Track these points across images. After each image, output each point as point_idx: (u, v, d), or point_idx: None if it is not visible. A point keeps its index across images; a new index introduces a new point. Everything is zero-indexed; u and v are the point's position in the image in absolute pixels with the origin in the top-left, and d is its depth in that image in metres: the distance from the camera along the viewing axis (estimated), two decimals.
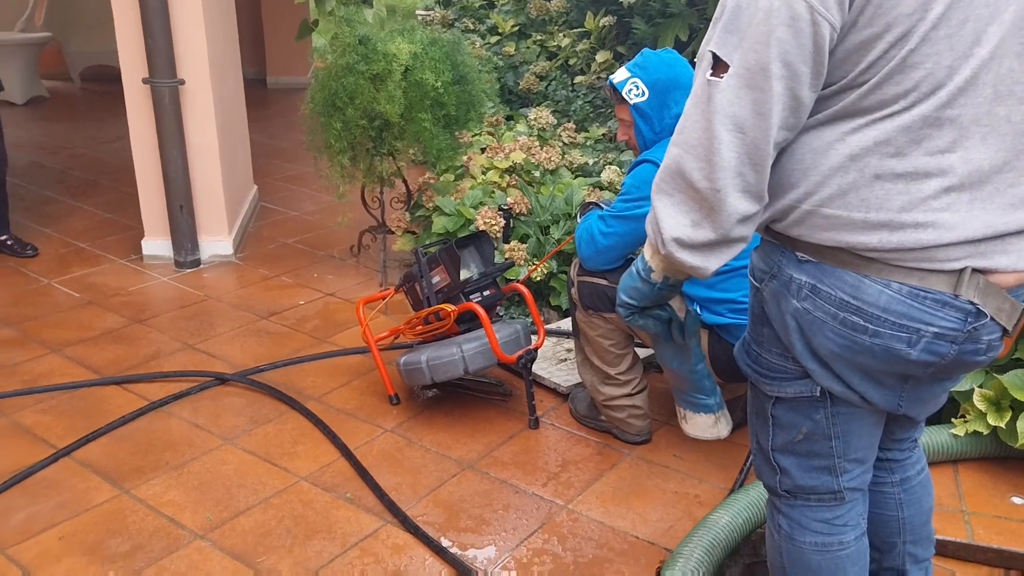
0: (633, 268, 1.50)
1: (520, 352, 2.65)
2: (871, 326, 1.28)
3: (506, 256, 3.31)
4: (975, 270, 1.26)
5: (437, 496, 2.40)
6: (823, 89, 1.25)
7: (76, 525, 2.27)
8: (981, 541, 2.16)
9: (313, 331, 3.39)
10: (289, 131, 6.25)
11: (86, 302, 3.66)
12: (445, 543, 2.20)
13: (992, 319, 1.29)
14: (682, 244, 1.32)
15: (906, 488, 1.69)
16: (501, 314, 3.31)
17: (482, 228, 3.33)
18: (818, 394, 1.41)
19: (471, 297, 2.71)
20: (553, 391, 2.93)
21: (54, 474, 2.49)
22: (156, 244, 4.05)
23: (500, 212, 3.41)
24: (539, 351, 2.95)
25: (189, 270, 3.99)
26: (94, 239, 4.34)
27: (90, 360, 3.15)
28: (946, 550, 2.13)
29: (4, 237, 4.12)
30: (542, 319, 2.73)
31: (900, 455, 1.68)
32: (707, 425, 1.72)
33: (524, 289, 2.73)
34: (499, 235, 3.38)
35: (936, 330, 1.27)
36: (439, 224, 3.54)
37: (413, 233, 3.81)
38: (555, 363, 3.02)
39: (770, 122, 1.22)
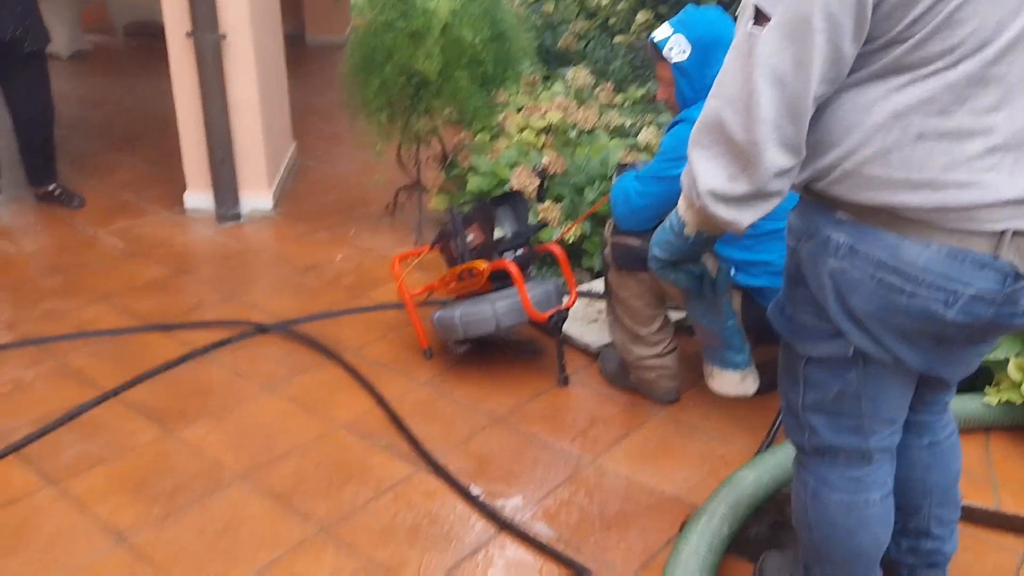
0: (667, 222, 1.53)
1: (551, 311, 2.69)
2: (908, 286, 1.30)
3: (540, 216, 3.34)
4: (1016, 232, 1.27)
5: (468, 447, 2.47)
6: (868, 44, 1.25)
7: (123, 463, 2.37)
8: (1008, 510, 2.18)
9: (349, 286, 3.46)
10: (327, 89, 6.28)
11: (131, 252, 3.75)
12: (475, 491, 2.27)
13: None
14: (717, 197, 1.34)
15: (934, 451, 1.72)
16: (533, 275, 3.35)
17: (516, 188, 3.35)
18: (851, 354, 1.43)
19: (505, 255, 2.75)
20: (584, 351, 2.98)
21: (101, 414, 2.59)
22: (198, 197, 4.13)
23: (535, 172, 3.43)
24: (571, 312, 2.99)
25: (230, 223, 4.07)
26: (138, 191, 4.44)
27: (135, 308, 3.25)
28: (972, 517, 2.15)
29: (52, 187, 4.23)
30: (574, 280, 2.77)
31: (930, 418, 1.70)
32: (734, 382, 1.75)
33: (557, 249, 2.77)
34: (533, 195, 3.41)
35: (974, 291, 1.29)
36: (474, 183, 3.58)
37: (448, 192, 3.85)
38: (586, 323, 3.06)
39: (810, 75, 1.23)
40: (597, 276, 3.37)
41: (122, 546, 2.07)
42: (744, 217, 1.35)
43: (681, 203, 1.49)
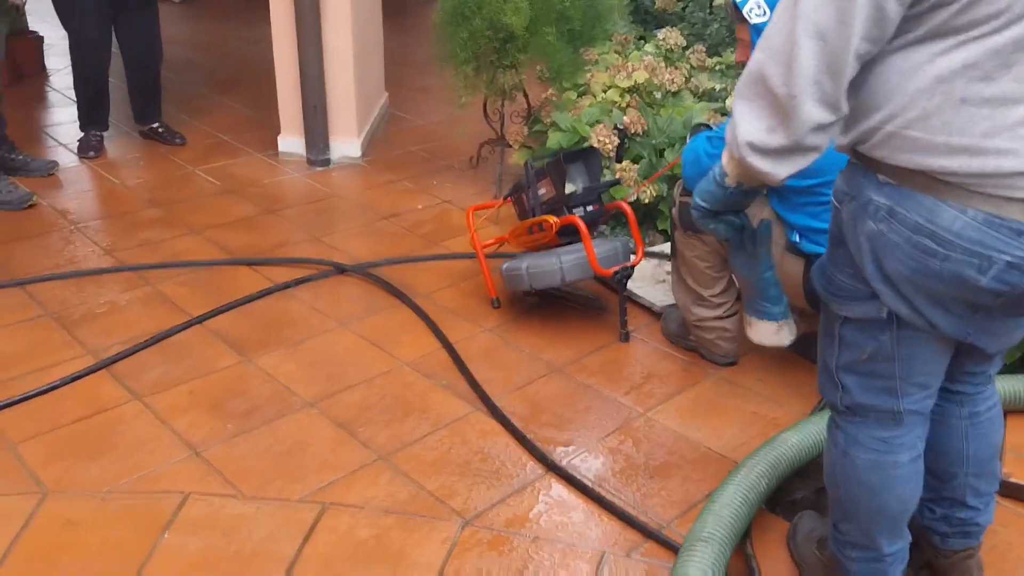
0: (711, 172, 1.56)
1: (616, 267, 2.74)
2: (942, 250, 1.31)
3: (617, 176, 3.37)
4: None
5: (524, 392, 2.55)
6: (914, 7, 1.25)
7: (203, 384, 2.55)
8: None
9: (427, 234, 3.57)
10: (423, 42, 6.37)
11: (225, 190, 3.96)
12: (527, 434, 2.36)
13: None
14: (755, 148, 1.37)
15: (974, 422, 1.72)
16: (606, 232, 3.40)
17: (595, 146, 3.39)
18: (885, 316, 1.45)
19: (574, 211, 2.80)
20: (648, 310, 3.02)
21: (187, 339, 2.78)
22: (290, 141, 4.30)
23: (615, 131, 3.45)
24: (640, 271, 3.04)
25: (319, 168, 4.23)
26: (236, 133, 4.65)
27: (225, 242, 3.44)
28: (1016, 494, 2.13)
29: (156, 125, 4.47)
30: (645, 240, 2.81)
31: (972, 389, 1.70)
32: (770, 332, 1.78)
33: (627, 208, 2.80)
34: (612, 154, 3.43)
35: (1009, 259, 1.29)
36: (553, 139, 3.62)
37: (529, 148, 3.90)
38: (653, 283, 3.10)
39: (852, 31, 1.24)
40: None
41: (196, 458, 2.25)
42: (780, 170, 1.38)
43: (724, 154, 1.52)
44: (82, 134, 4.32)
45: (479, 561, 1.95)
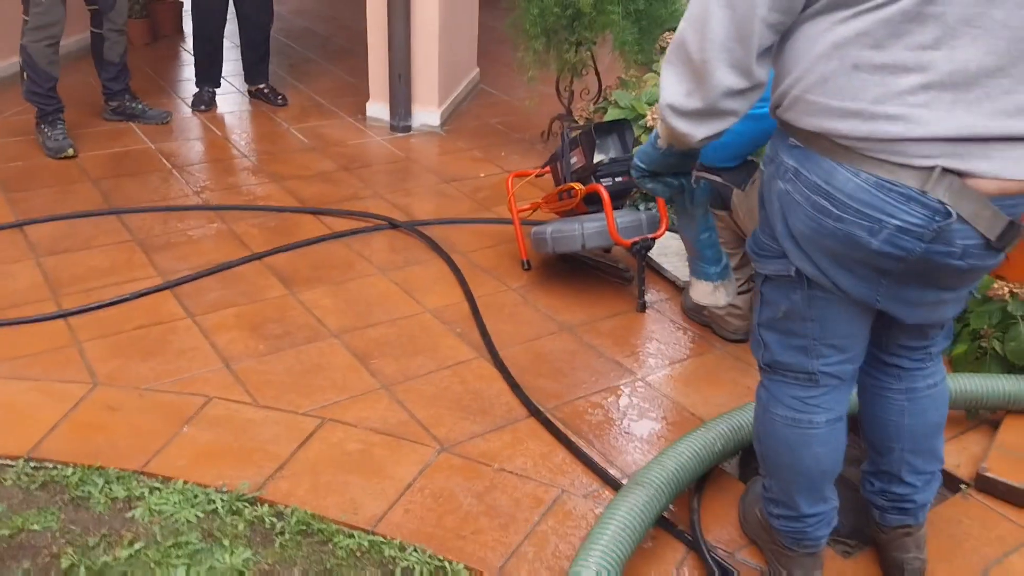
0: (651, 135, 1.69)
1: (637, 238, 2.87)
2: (836, 211, 1.41)
3: None
4: (948, 170, 1.33)
5: (530, 346, 2.73)
6: None
7: (249, 309, 2.86)
8: None
9: (483, 200, 3.78)
10: None
11: (310, 147, 4.29)
12: (521, 382, 2.54)
13: (968, 224, 1.36)
14: (675, 110, 1.49)
15: (911, 398, 1.78)
16: (640, 205, 3.50)
17: (650, 124, 3.50)
18: (793, 274, 1.55)
19: (602, 180, 2.94)
20: (673, 284, 3.13)
21: (245, 271, 3.10)
22: (377, 107, 4.60)
23: None
24: (670, 246, 3.15)
25: (400, 134, 4.51)
26: (333, 98, 4.99)
27: (300, 192, 3.76)
28: (996, 490, 2.14)
29: (263, 86, 4.86)
30: (667, 212, 2.92)
31: (910, 364, 1.77)
32: (706, 292, 1.88)
33: None
34: None
35: (899, 223, 1.36)
36: (611, 116, 3.75)
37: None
38: (682, 258, 3.20)
39: (757, 0, 1.35)
40: None
41: (226, 369, 2.54)
42: (698, 132, 1.50)
43: (658, 117, 1.65)
44: (197, 89, 4.75)
45: (445, 481, 2.15)
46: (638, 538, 1.84)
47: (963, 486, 2.18)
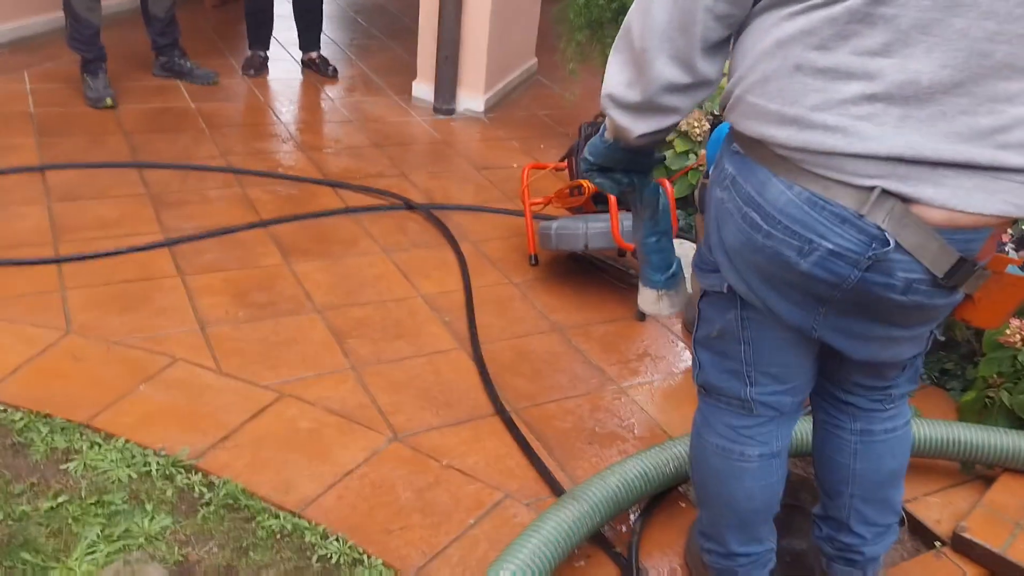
0: (602, 126, 1.56)
1: None
2: (765, 225, 1.26)
3: (699, 162, 3.31)
4: (890, 192, 1.18)
5: (515, 343, 2.62)
6: None
7: (239, 275, 2.82)
8: (1016, 558, 1.95)
9: (509, 190, 3.68)
10: None
11: (348, 121, 4.25)
12: (495, 379, 2.43)
13: (912, 256, 1.21)
14: (614, 101, 1.37)
15: (865, 441, 1.62)
16: None
17: (684, 128, 3.34)
18: (725, 290, 1.41)
19: None
20: None
21: (246, 236, 3.07)
22: (422, 88, 4.53)
23: (707, 116, 3.39)
24: (683, 255, 2.99)
25: (442, 117, 4.43)
26: (384, 75, 4.95)
27: (325, 164, 3.72)
28: (972, 552, 1.96)
29: (314, 55, 4.85)
30: (677, 220, 2.76)
31: (867, 404, 1.60)
32: (649, 299, 1.74)
33: (668, 185, 2.77)
34: (700, 139, 3.37)
35: (831, 246, 1.22)
36: None
37: None
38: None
39: None
40: None
41: (200, 332, 2.51)
42: (636, 127, 1.37)
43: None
44: (249, 53, 4.77)
45: (389, 472, 2.07)
46: (562, 555, 1.72)
47: (938, 543, 1.99)
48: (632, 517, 2.02)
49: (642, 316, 2.81)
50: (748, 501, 1.56)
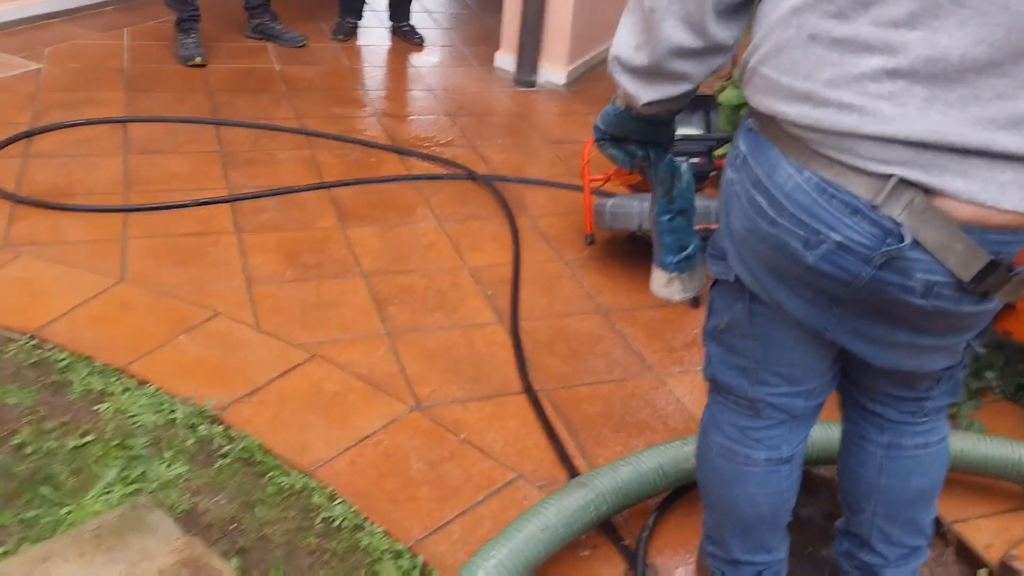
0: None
1: (699, 227, 2.61)
2: (770, 212, 1.17)
3: None
4: (909, 182, 1.06)
5: (556, 323, 2.56)
6: None
7: (293, 235, 2.85)
8: None
9: (577, 166, 3.59)
10: None
11: (428, 88, 4.25)
12: (529, 357, 2.38)
13: (932, 256, 1.09)
14: (621, 64, 1.29)
15: (893, 455, 1.50)
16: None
17: None
18: (733, 280, 1.32)
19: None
20: None
21: (306, 198, 3.10)
22: (505, 59, 4.48)
23: None
24: None
25: (522, 88, 4.38)
26: (470, 44, 4.92)
27: (395, 130, 3.73)
28: None
29: (403, 24, 4.85)
30: None
31: (896, 415, 1.48)
32: (660, 282, 1.63)
33: None
34: None
35: (840, 239, 1.11)
36: (726, 96, 3.45)
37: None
38: None
39: None
40: None
41: (245, 289, 2.55)
42: (644, 93, 1.28)
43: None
44: (339, 19, 4.81)
45: (404, 441, 2.05)
46: (561, 541, 1.67)
47: (982, 571, 1.84)
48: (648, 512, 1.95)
49: (695, 303, 2.70)
50: (752, 507, 1.47)
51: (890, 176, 1.06)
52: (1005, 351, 2.40)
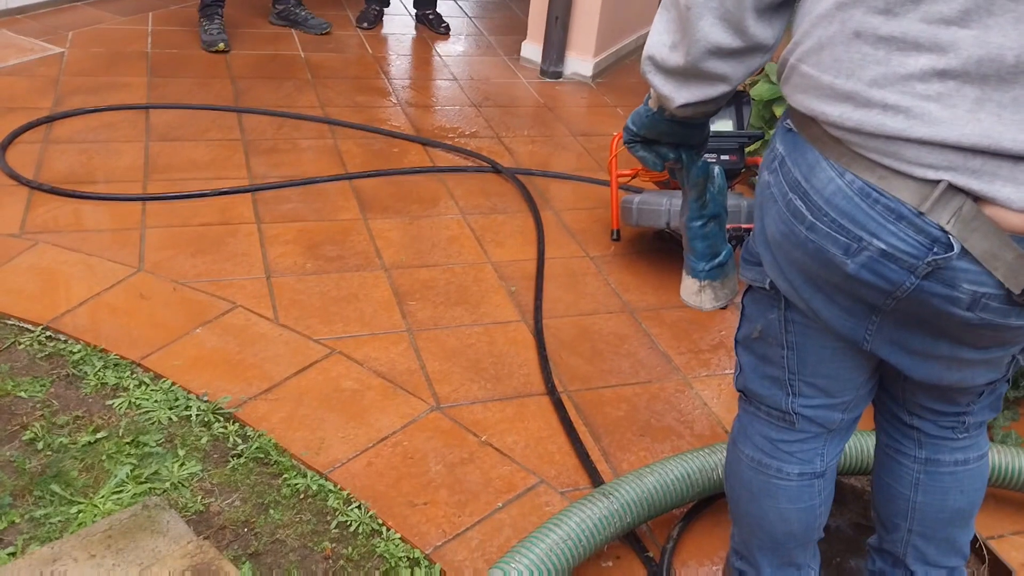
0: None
1: (729, 226, 2.53)
2: (809, 217, 1.10)
3: None
4: (958, 188, 1.00)
5: (581, 321, 2.50)
6: None
7: (314, 227, 2.80)
8: None
9: (604, 159, 3.52)
10: None
11: (451, 79, 4.18)
12: (552, 357, 2.32)
13: (981, 266, 1.02)
14: (655, 64, 1.22)
15: (931, 472, 1.42)
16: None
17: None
18: (768, 287, 1.25)
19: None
20: None
21: (328, 188, 3.04)
22: (531, 48, 4.40)
23: None
24: None
25: (548, 79, 4.30)
26: (497, 34, 4.84)
27: (419, 120, 3.66)
28: None
29: (428, 12, 4.78)
30: None
31: (935, 430, 1.41)
32: (690, 290, 1.56)
33: None
34: None
35: (883, 246, 1.04)
36: (757, 90, 3.36)
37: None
38: None
39: None
40: None
41: (265, 280, 2.50)
42: (678, 95, 1.21)
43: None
44: (365, 6, 4.75)
45: (423, 442, 2.00)
46: (584, 552, 1.61)
47: None
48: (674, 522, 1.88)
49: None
50: (782, 523, 1.40)
51: (938, 182, 1.00)
52: None
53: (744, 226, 2.55)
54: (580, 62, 4.30)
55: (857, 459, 1.89)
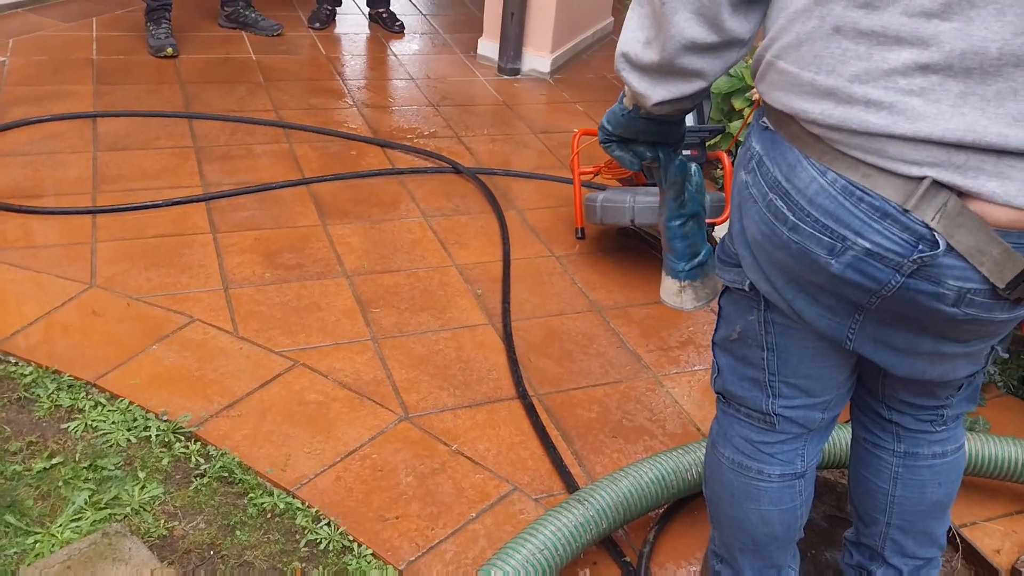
0: (621, 92, 1.38)
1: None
2: (791, 217, 1.07)
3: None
4: (943, 184, 0.98)
5: (549, 322, 2.47)
6: None
7: (272, 235, 2.73)
8: None
9: (566, 156, 3.49)
10: None
11: (408, 79, 4.12)
12: (523, 360, 2.29)
13: (966, 261, 1.00)
14: (629, 61, 1.19)
15: (909, 465, 1.42)
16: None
17: (756, 98, 3.09)
18: (747, 288, 1.23)
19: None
20: None
21: (286, 194, 2.98)
22: (487, 46, 4.36)
23: None
24: None
25: (506, 76, 4.26)
26: (452, 32, 4.78)
27: (377, 122, 3.60)
28: None
29: (382, 10, 4.71)
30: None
31: (913, 424, 1.40)
32: (671, 291, 1.54)
33: (726, 158, 2.56)
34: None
35: (868, 245, 1.02)
36: (716, 84, 3.35)
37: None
38: None
39: None
40: None
41: (222, 292, 2.43)
42: (654, 92, 1.18)
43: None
44: (316, 6, 4.67)
45: (392, 454, 1.95)
46: (561, 563, 1.58)
47: None
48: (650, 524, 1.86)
49: None
50: (764, 525, 1.38)
51: (922, 178, 0.98)
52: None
53: (710, 221, 2.53)
54: (537, 58, 4.27)
55: (831, 453, 1.89)
